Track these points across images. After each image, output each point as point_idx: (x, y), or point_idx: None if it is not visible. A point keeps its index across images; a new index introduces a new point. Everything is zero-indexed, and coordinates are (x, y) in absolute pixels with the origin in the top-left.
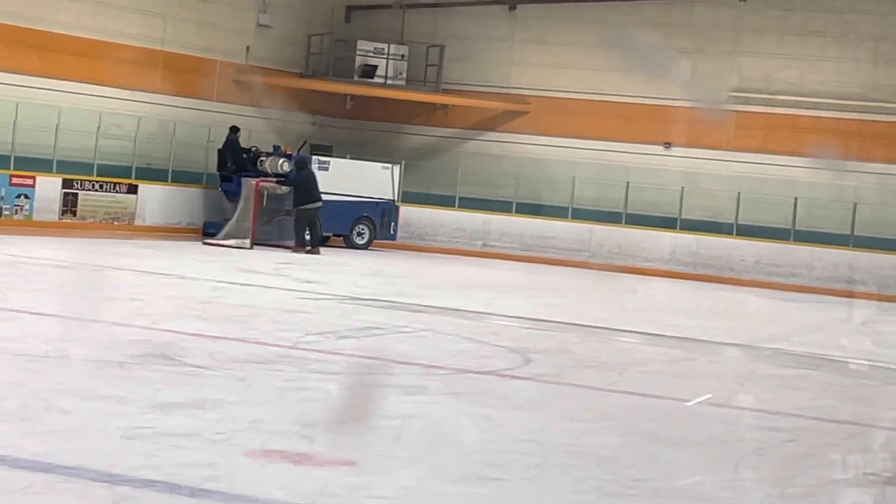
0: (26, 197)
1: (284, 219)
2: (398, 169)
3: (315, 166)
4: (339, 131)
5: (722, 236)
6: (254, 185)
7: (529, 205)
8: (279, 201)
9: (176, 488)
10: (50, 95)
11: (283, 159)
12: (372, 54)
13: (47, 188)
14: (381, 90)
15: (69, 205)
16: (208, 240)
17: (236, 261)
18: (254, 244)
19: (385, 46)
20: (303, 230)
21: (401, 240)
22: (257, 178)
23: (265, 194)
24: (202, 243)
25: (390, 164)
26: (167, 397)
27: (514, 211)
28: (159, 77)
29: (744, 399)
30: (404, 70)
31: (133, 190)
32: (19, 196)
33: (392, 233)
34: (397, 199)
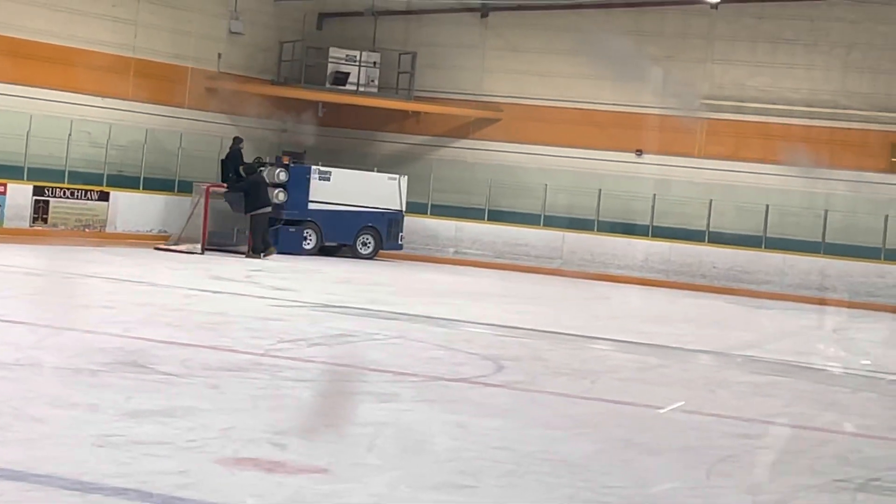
0: None
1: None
2: (404, 180)
3: (315, 177)
4: (311, 138)
5: (694, 243)
6: (204, 190)
7: (502, 212)
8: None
9: (148, 496)
10: (21, 102)
11: (281, 169)
12: (344, 61)
13: (18, 195)
14: (353, 97)
15: (40, 212)
16: (160, 245)
17: (208, 268)
18: (205, 249)
19: (357, 54)
20: (259, 235)
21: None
22: (208, 184)
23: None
24: (154, 248)
25: (397, 175)
26: (139, 405)
27: (486, 218)
28: (131, 84)
29: (716, 406)
30: (376, 77)
31: (104, 197)
32: None
33: (399, 243)
34: (403, 208)
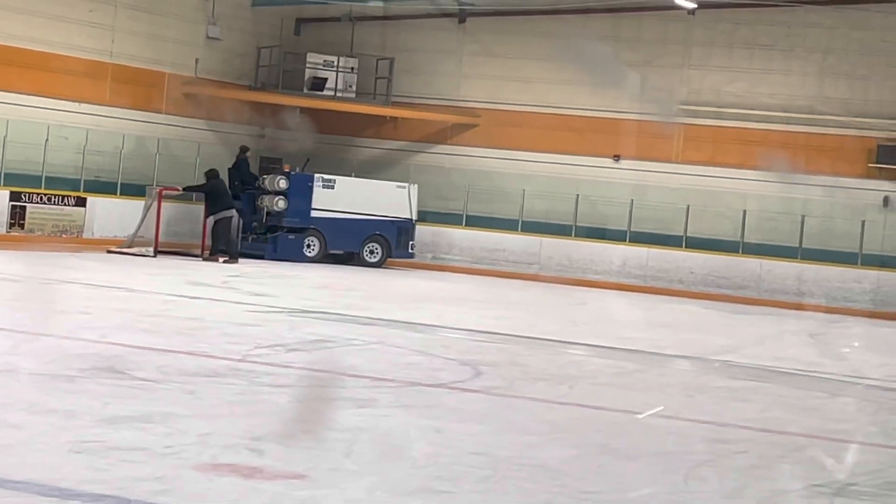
0: None
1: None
2: (414, 188)
3: (319, 185)
4: (288, 144)
5: (671, 249)
6: (157, 192)
7: (479, 217)
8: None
9: (125, 502)
10: None
11: (281, 177)
12: (321, 67)
13: None
14: (330, 103)
15: (17, 217)
16: (112, 248)
17: (185, 274)
18: (157, 252)
19: (335, 59)
20: (222, 239)
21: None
22: (161, 187)
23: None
24: (107, 251)
25: (406, 183)
26: (116, 411)
27: (464, 223)
28: (108, 89)
29: (694, 411)
30: (354, 83)
31: (81, 203)
32: None
33: (410, 251)
34: (414, 217)
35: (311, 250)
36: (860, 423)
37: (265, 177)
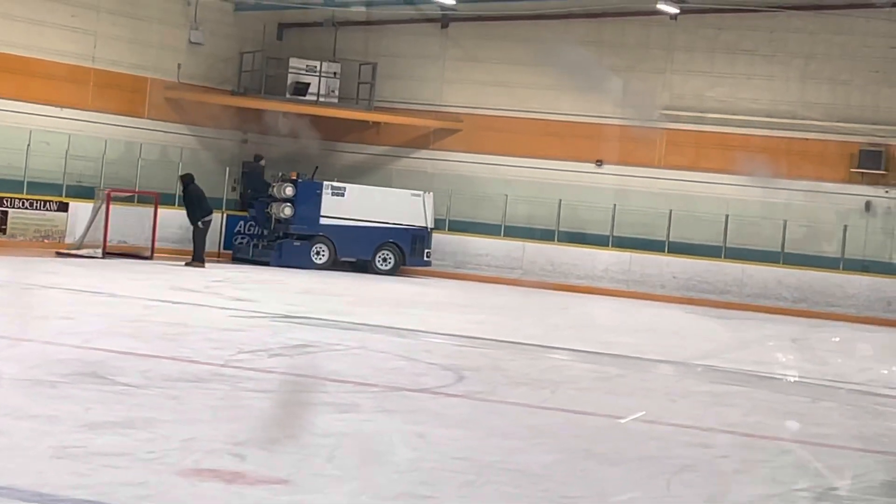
0: None
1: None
2: (430, 196)
3: (328, 192)
4: (271, 149)
5: (654, 253)
6: (106, 194)
7: (462, 222)
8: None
9: None
10: None
11: (288, 184)
12: (304, 72)
13: None
14: (313, 108)
15: None
16: (61, 250)
17: (168, 279)
18: (105, 254)
19: (317, 64)
20: (202, 244)
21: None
22: (109, 189)
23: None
24: (55, 254)
25: (421, 191)
26: (98, 416)
27: (446, 229)
28: (90, 94)
29: (676, 416)
30: (336, 87)
31: (63, 208)
32: None
33: (426, 259)
34: (430, 225)
35: (321, 257)
36: (842, 428)
37: (274, 185)
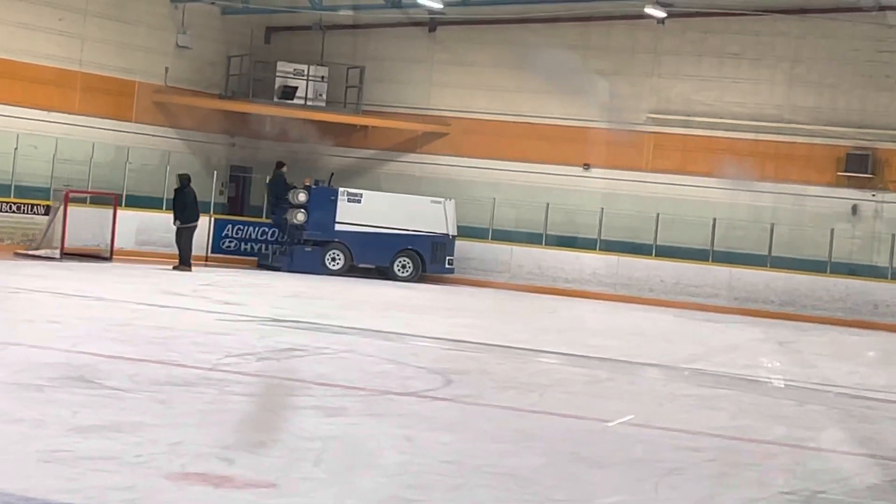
0: None
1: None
2: (451, 204)
3: (344, 198)
4: (258, 152)
5: (641, 257)
6: (63, 194)
7: None
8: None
9: None
10: None
11: (301, 190)
12: (292, 75)
13: None
14: (301, 111)
15: None
16: (19, 250)
17: (156, 283)
18: (63, 254)
19: (305, 67)
20: (187, 247)
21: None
22: (67, 189)
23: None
24: (14, 254)
25: (441, 198)
26: (86, 420)
27: None
28: (78, 98)
29: (664, 419)
30: (324, 91)
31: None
32: None
33: (448, 266)
34: (452, 232)
35: (336, 264)
36: (829, 431)
37: (293, 191)
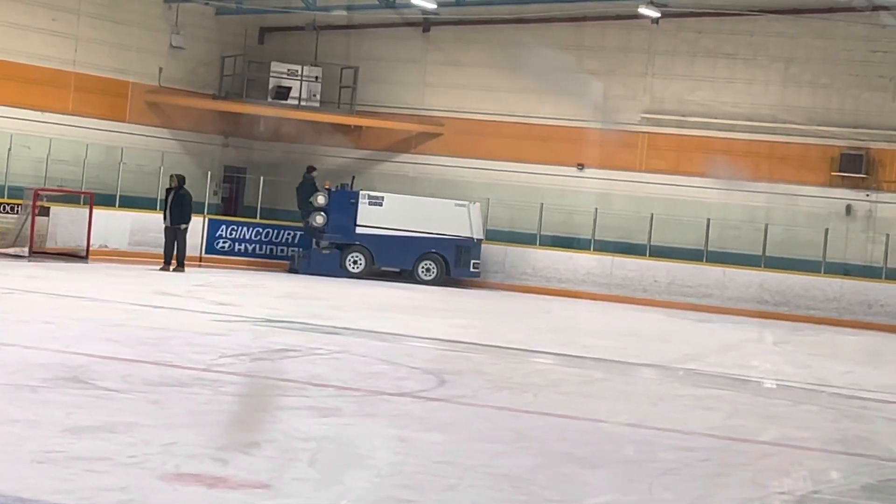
0: None
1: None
2: (476, 207)
3: (365, 201)
4: (252, 153)
5: (635, 257)
6: (33, 193)
7: None
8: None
9: None
10: None
11: (320, 194)
12: (285, 76)
13: None
14: (294, 112)
15: None
16: None
17: (150, 283)
18: (32, 252)
19: (299, 68)
20: (181, 248)
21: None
22: (36, 188)
23: None
24: None
25: (466, 202)
26: (79, 421)
27: None
28: (71, 98)
29: (658, 419)
30: (318, 91)
31: (45, 212)
32: None
33: (474, 270)
34: (477, 236)
35: (357, 266)
36: (823, 431)
37: (313, 195)
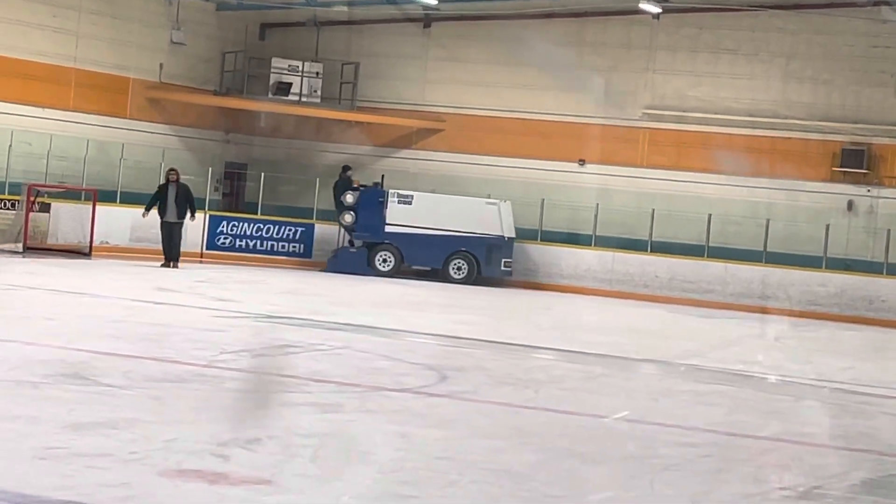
0: None
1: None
2: (507, 205)
3: (394, 200)
4: (253, 149)
5: (636, 253)
6: (27, 189)
7: None
8: None
9: None
10: None
11: (349, 192)
12: (286, 72)
13: None
14: (295, 107)
15: None
16: None
17: (151, 279)
18: (26, 248)
19: (299, 64)
20: (177, 243)
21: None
22: (30, 183)
23: None
24: None
25: (497, 200)
26: (81, 417)
27: None
28: (72, 94)
29: (659, 415)
30: (319, 87)
31: (45, 209)
32: None
33: (505, 269)
34: (508, 234)
35: (387, 265)
36: (825, 427)
37: (342, 194)
